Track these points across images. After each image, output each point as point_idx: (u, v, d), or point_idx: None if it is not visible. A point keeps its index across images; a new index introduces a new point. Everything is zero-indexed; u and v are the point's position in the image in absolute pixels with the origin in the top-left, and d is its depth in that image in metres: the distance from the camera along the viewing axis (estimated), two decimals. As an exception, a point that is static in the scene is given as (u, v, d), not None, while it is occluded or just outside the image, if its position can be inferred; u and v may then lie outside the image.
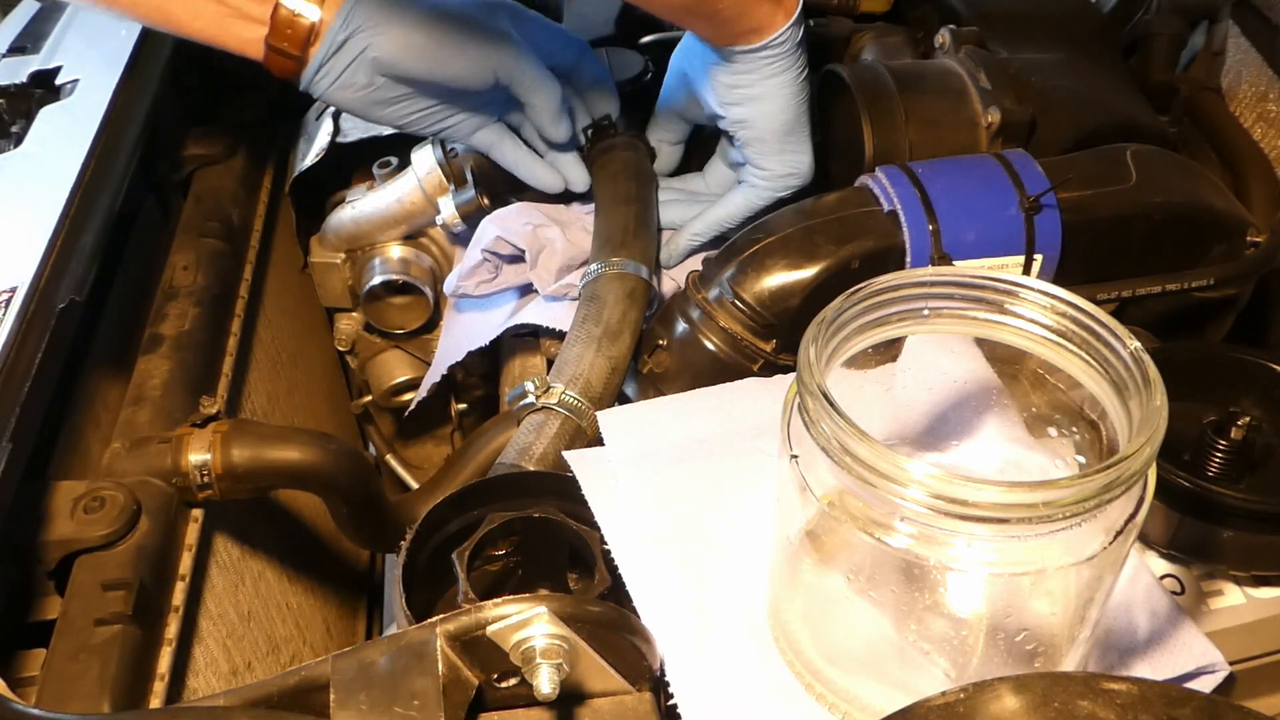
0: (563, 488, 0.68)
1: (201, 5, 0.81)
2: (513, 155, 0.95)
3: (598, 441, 0.75)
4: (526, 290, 0.97)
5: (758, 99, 0.87)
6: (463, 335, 1.02)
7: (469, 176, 1.00)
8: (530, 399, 0.77)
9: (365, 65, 0.84)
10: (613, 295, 0.82)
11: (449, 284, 0.99)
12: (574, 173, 0.96)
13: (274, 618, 0.93)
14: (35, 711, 0.56)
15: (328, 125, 1.12)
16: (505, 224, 0.93)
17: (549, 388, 0.77)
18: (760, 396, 0.76)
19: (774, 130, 0.88)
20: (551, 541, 0.67)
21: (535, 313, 0.92)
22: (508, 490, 0.67)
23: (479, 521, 0.65)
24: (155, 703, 0.68)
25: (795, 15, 0.84)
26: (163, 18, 0.82)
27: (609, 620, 0.55)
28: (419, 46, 0.85)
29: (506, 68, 0.89)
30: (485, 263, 0.96)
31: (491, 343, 0.96)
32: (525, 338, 0.96)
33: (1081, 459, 0.62)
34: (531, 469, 0.73)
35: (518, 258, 0.95)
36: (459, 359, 0.98)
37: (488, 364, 1.06)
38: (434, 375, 1.03)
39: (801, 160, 0.90)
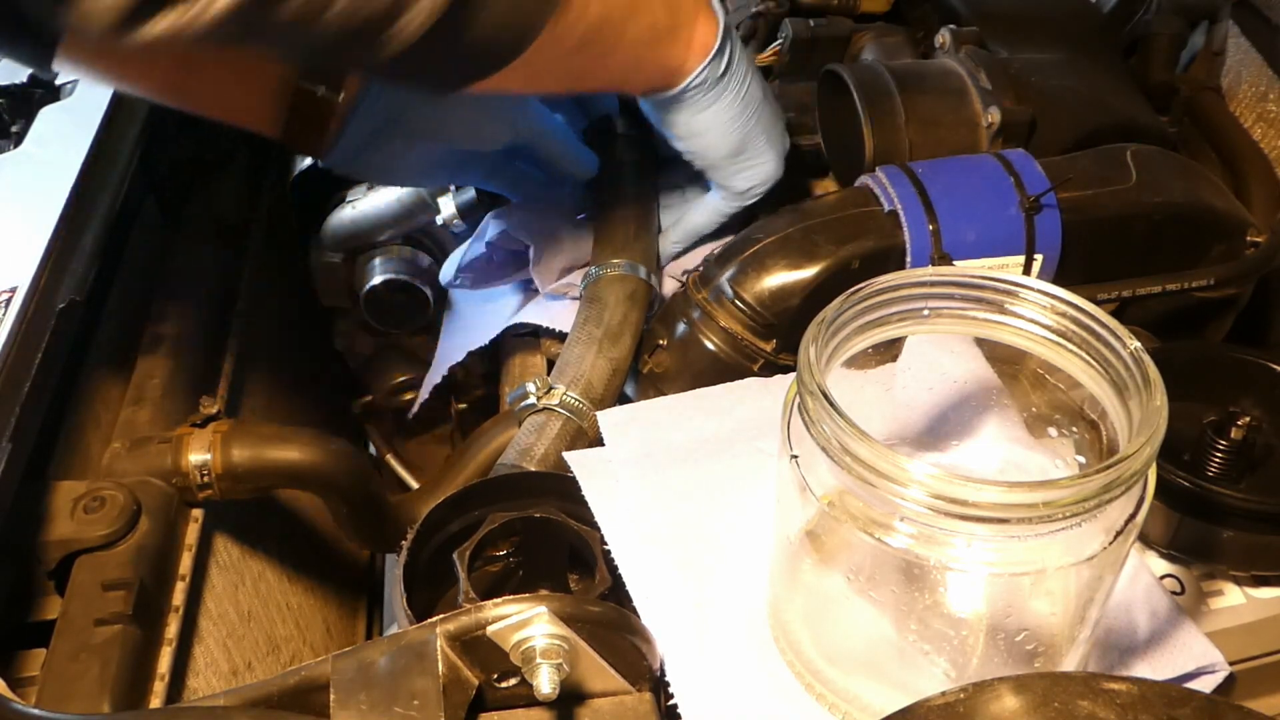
0: (563, 488, 0.68)
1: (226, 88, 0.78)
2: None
3: (599, 443, 0.75)
4: (526, 289, 0.97)
5: (697, 134, 0.85)
6: (463, 335, 1.02)
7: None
8: (531, 400, 0.77)
9: (396, 163, 0.83)
10: (613, 296, 0.82)
11: (445, 273, 0.98)
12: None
13: (274, 617, 0.93)
14: (35, 711, 0.56)
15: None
16: (513, 219, 0.93)
17: (550, 389, 0.77)
18: (760, 396, 0.76)
19: (723, 156, 0.86)
20: (552, 542, 0.67)
21: (536, 313, 0.92)
22: (508, 491, 0.67)
23: (480, 522, 0.65)
24: (155, 703, 0.68)
25: (712, 51, 0.79)
26: (178, 99, 0.79)
27: (609, 620, 0.55)
28: (449, 116, 0.83)
29: (524, 122, 0.88)
30: (487, 256, 0.95)
31: (491, 342, 0.96)
32: (525, 338, 0.96)
33: (1081, 459, 0.62)
34: (532, 469, 0.73)
35: (520, 254, 0.94)
36: (460, 359, 0.98)
37: (488, 364, 1.06)
38: (435, 376, 1.03)
39: (760, 171, 0.88)
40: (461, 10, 0.59)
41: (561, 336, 0.85)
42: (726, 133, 0.84)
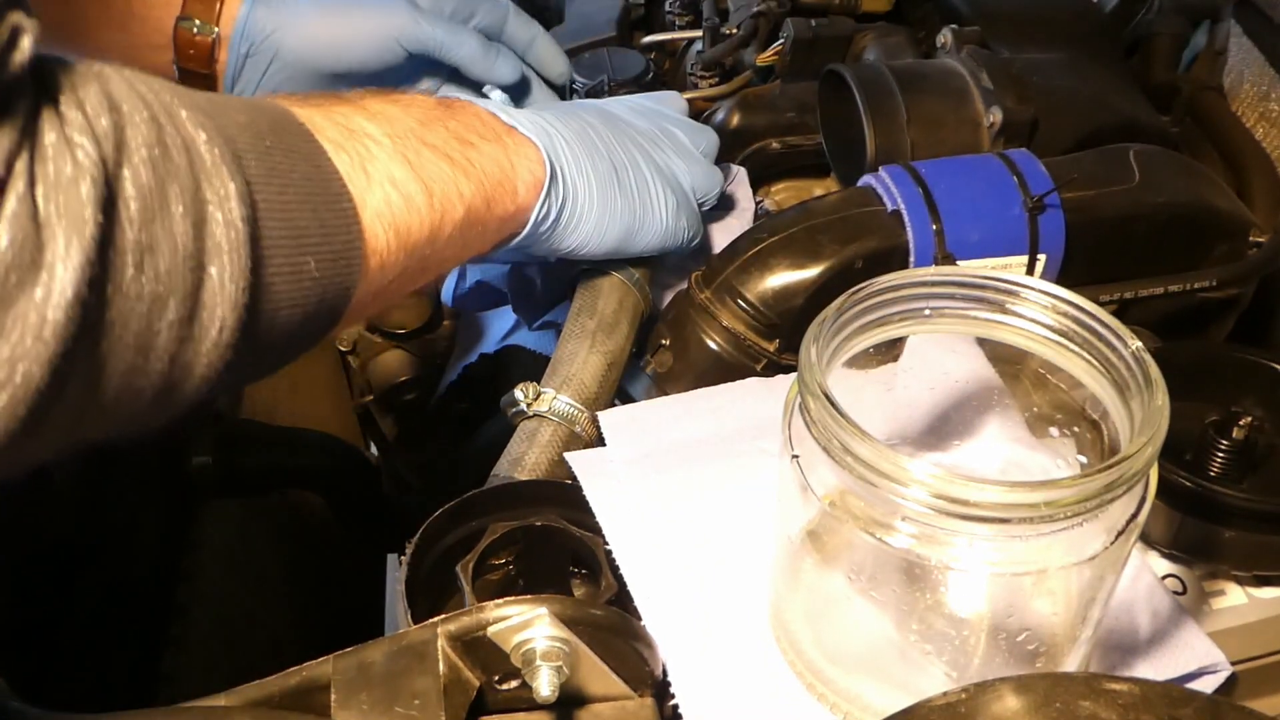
0: (564, 495, 0.67)
1: (110, 38, 0.81)
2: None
3: (594, 444, 0.75)
4: None
5: (574, 252, 0.79)
6: (477, 336, 1.03)
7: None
8: (521, 406, 0.75)
9: (278, 73, 0.84)
10: (608, 283, 0.81)
11: (445, 293, 0.99)
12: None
13: (275, 617, 0.93)
14: (36, 711, 0.56)
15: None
16: (487, 269, 0.93)
17: (540, 394, 0.75)
18: (762, 396, 0.76)
19: (613, 249, 0.80)
20: (554, 550, 0.67)
21: (527, 338, 0.92)
22: (508, 500, 0.66)
23: (480, 532, 0.64)
24: (157, 703, 0.68)
25: (545, 184, 0.72)
26: (76, 48, 0.79)
27: (611, 624, 0.55)
28: (318, 39, 0.83)
29: (409, 34, 0.86)
30: (478, 292, 0.95)
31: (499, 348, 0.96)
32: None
33: (1083, 459, 0.62)
34: (526, 479, 0.72)
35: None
36: (472, 359, 0.98)
37: (492, 365, 1.06)
38: (450, 375, 1.04)
39: (659, 242, 0.81)
40: (247, 343, 0.50)
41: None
42: (596, 236, 0.77)
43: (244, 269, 0.47)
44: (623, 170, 0.78)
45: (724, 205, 0.98)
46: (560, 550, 0.67)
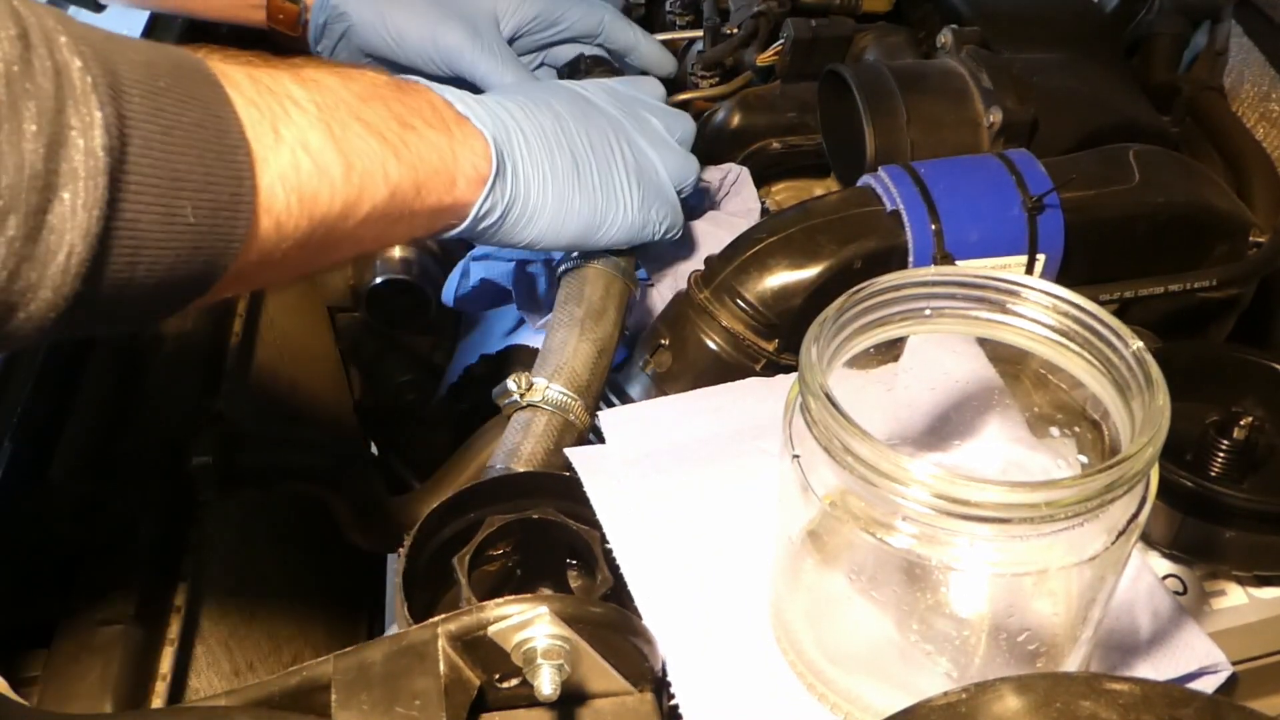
0: (561, 488, 0.67)
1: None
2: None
3: (587, 434, 0.75)
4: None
5: (518, 245, 0.78)
6: (478, 335, 1.03)
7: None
8: (515, 397, 0.75)
9: (348, 48, 0.89)
10: (593, 272, 0.81)
11: (446, 294, 0.99)
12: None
13: (275, 617, 0.93)
14: (36, 711, 0.56)
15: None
16: (490, 266, 0.93)
17: (532, 384, 0.75)
18: (762, 396, 0.76)
19: (571, 244, 0.79)
20: (551, 542, 0.67)
21: (529, 337, 0.92)
22: (506, 491, 0.67)
23: (477, 524, 0.65)
24: (157, 703, 0.68)
25: (489, 178, 0.71)
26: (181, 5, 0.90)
27: (611, 621, 0.55)
28: (377, 28, 0.88)
29: (446, 55, 0.90)
30: (479, 291, 0.95)
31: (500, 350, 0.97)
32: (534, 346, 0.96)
33: (1084, 459, 0.62)
34: (523, 470, 0.72)
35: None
36: (473, 360, 0.98)
37: (494, 365, 1.06)
38: (451, 375, 1.04)
39: (641, 231, 0.80)
40: (102, 277, 0.49)
41: None
42: (554, 229, 0.76)
43: (100, 199, 0.46)
44: (585, 165, 0.77)
45: (729, 205, 0.98)
46: (557, 543, 0.67)
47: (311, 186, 0.59)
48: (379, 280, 1.10)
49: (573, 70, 1.02)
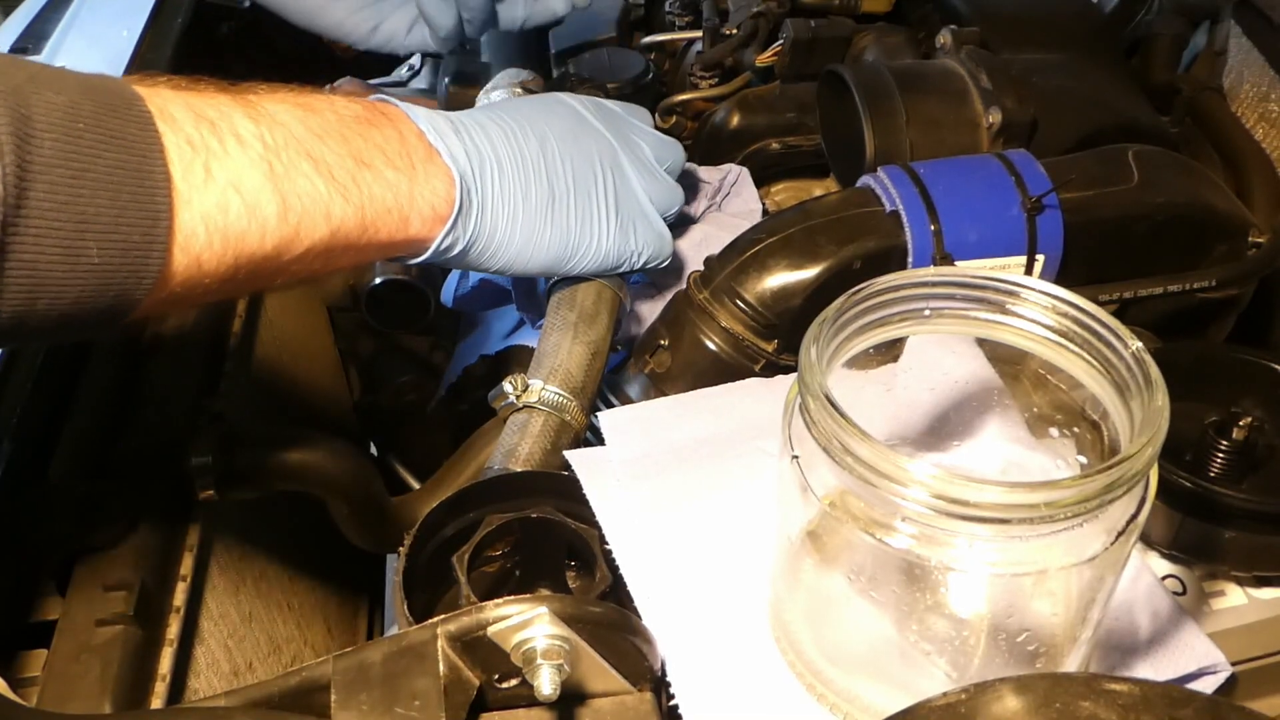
0: (559, 487, 0.68)
1: None
2: None
3: (584, 434, 0.75)
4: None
5: (486, 271, 0.78)
6: (480, 336, 1.03)
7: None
8: (511, 399, 0.75)
9: None
10: (584, 280, 0.81)
11: (445, 294, 0.99)
12: None
13: (275, 618, 0.93)
14: (36, 711, 0.56)
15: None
16: None
17: (528, 385, 0.75)
18: (761, 397, 0.76)
19: (541, 272, 0.79)
20: (550, 541, 0.67)
21: (528, 338, 0.92)
22: (505, 491, 0.67)
23: (477, 524, 0.65)
24: (156, 703, 0.68)
25: (450, 217, 0.70)
26: None
27: (610, 621, 0.55)
28: None
29: None
30: (479, 290, 0.95)
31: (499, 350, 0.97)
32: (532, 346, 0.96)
33: (1083, 459, 0.62)
34: (521, 470, 0.73)
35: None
36: (472, 360, 0.99)
37: (493, 365, 1.06)
38: (451, 375, 1.04)
39: (617, 260, 0.80)
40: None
41: None
42: (525, 263, 0.76)
43: None
44: (563, 197, 0.77)
45: (730, 205, 0.98)
46: (556, 541, 0.67)
47: (239, 227, 0.59)
48: (379, 280, 1.10)
49: (560, 85, 1.03)
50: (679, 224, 0.96)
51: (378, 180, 0.66)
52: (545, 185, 0.76)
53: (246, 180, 0.59)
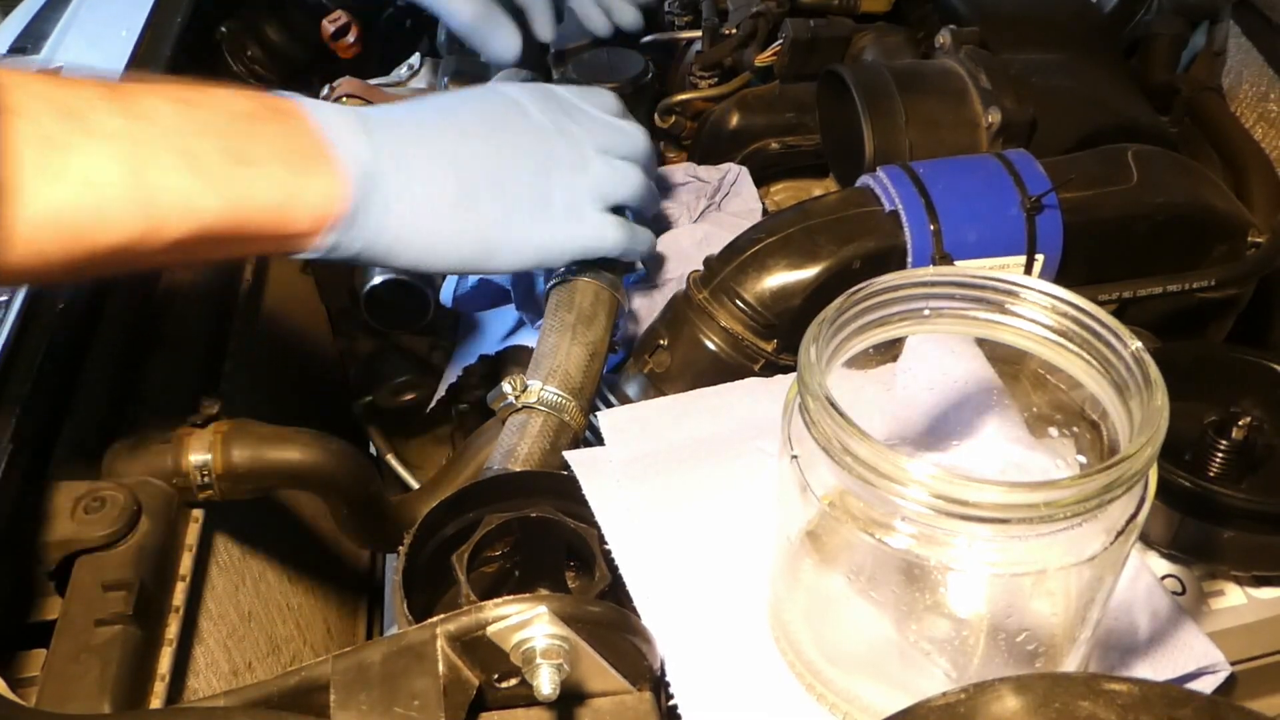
0: (559, 486, 0.68)
1: None
2: None
3: (583, 435, 0.75)
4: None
5: (390, 266, 0.77)
6: (479, 336, 1.03)
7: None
8: (510, 399, 0.75)
9: None
10: (581, 280, 0.81)
11: (445, 294, 0.99)
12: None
13: (274, 618, 0.93)
14: (35, 711, 0.56)
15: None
16: None
17: (526, 386, 0.75)
18: (761, 396, 0.76)
19: (459, 269, 0.79)
20: (549, 541, 0.67)
21: (528, 338, 0.92)
22: (504, 491, 0.67)
23: (476, 523, 0.65)
24: (156, 703, 0.68)
25: (341, 215, 0.69)
26: None
27: (609, 620, 0.55)
28: None
29: None
30: (479, 290, 0.95)
31: (499, 350, 0.97)
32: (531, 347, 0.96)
33: (1083, 459, 0.62)
34: (520, 470, 0.73)
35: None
36: (472, 360, 0.99)
37: (492, 365, 1.06)
38: (450, 375, 1.04)
39: (560, 253, 0.79)
40: None
41: None
42: (434, 260, 0.74)
43: None
44: (477, 191, 0.74)
45: (730, 205, 0.98)
46: (555, 541, 0.67)
47: (89, 220, 0.59)
48: (378, 280, 1.09)
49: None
50: (679, 224, 0.96)
51: (255, 178, 0.66)
52: (454, 181, 0.74)
53: (102, 175, 0.60)
